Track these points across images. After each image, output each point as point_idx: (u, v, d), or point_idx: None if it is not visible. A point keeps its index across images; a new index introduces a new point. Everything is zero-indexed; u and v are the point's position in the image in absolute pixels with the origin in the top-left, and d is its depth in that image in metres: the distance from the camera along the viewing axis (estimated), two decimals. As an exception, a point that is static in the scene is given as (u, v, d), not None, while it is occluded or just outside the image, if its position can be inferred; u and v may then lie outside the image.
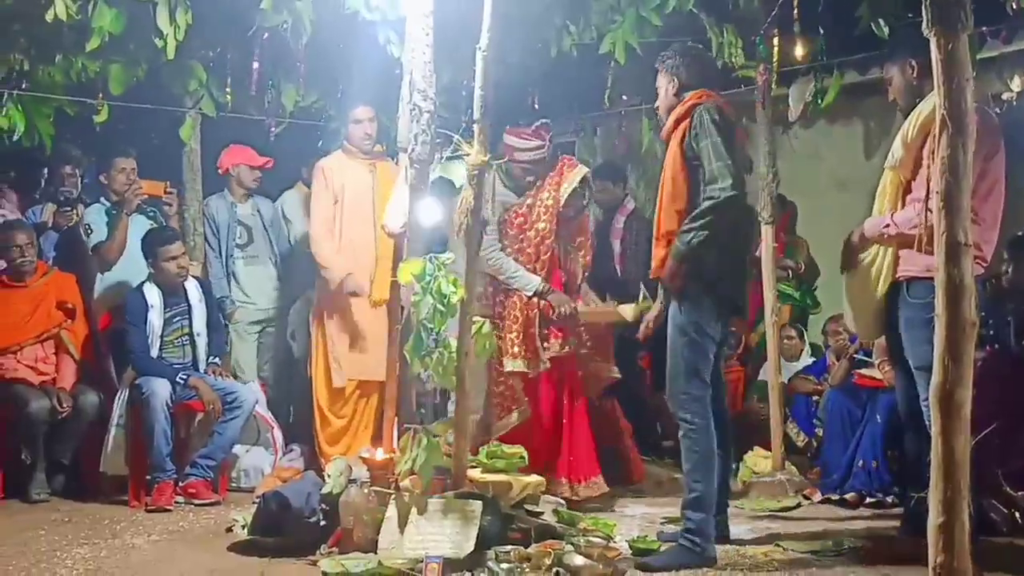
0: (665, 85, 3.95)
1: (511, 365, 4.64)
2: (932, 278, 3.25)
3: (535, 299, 4.66)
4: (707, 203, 3.59)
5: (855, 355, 5.16)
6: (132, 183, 5.35)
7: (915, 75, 3.55)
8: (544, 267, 4.74)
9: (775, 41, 5.11)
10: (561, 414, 4.73)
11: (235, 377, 5.35)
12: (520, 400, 4.65)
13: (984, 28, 4.88)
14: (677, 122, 3.80)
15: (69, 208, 5.35)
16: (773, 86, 5.14)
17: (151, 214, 5.45)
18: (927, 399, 3.25)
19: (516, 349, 4.64)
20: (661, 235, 3.80)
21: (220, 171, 5.84)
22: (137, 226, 5.29)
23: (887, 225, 3.53)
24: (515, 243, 4.76)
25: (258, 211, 5.80)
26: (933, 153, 2.49)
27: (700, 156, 3.65)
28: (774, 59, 5.11)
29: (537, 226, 4.73)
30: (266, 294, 5.77)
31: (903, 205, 3.54)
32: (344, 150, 5.32)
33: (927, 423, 3.12)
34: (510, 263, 4.71)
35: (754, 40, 5.12)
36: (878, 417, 4.79)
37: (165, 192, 5.42)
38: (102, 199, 5.43)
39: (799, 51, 5.19)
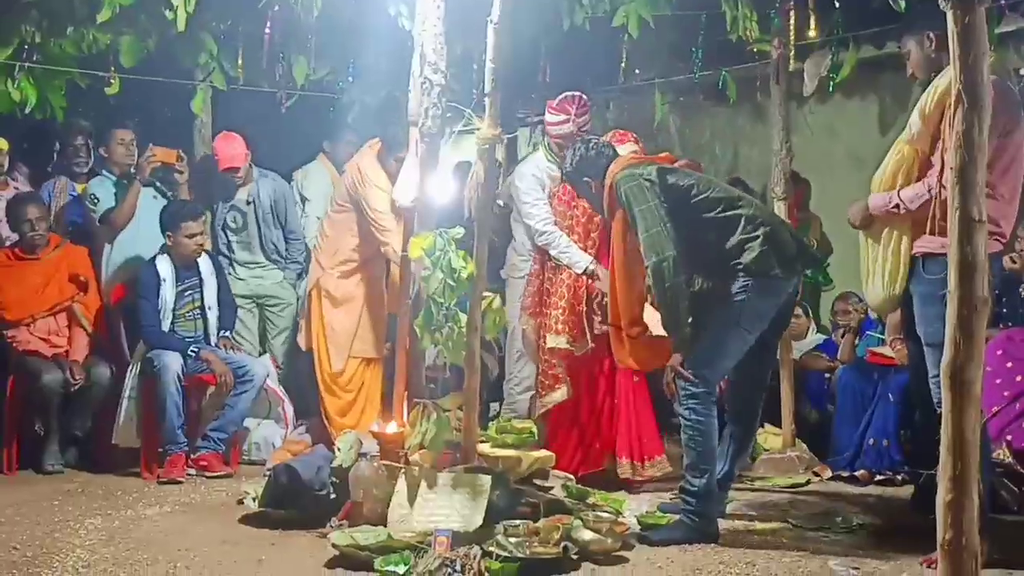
0: (590, 192, 4.04)
1: (553, 341, 4.57)
2: (947, 254, 3.24)
3: (584, 277, 4.56)
4: (655, 288, 3.64)
5: (856, 327, 5.16)
6: (132, 154, 5.35)
7: (933, 47, 3.44)
8: (595, 245, 4.61)
9: (791, 15, 5.05)
10: (616, 391, 4.62)
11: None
12: (563, 378, 4.60)
13: (1003, 1, 4.80)
14: (612, 210, 3.89)
15: (76, 223, 5.38)
16: (790, 61, 5.09)
17: (159, 187, 5.42)
18: (936, 376, 3.24)
19: (560, 326, 4.56)
20: (625, 324, 3.85)
21: None
22: (145, 199, 5.29)
23: (896, 205, 3.44)
24: (565, 219, 4.67)
25: (256, 198, 5.62)
26: (943, 128, 2.46)
27: None
28: (789, 33, 5.06)
29: (583, 203, 4.58)
30: (253, 277, 5.67)
31: (919, 177, 3.46)
32: (380, 159, 5.06)
33: (936, 400, 3.12)
34: (562, 238, 4.61)
35: (769, 14, 5.06)
36: (889, 396, 4.77)
37: (177, 159, 5.40)
38: (104, 171, 5.42)
39: (814, 25, 5.12)
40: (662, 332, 4.03)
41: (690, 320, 3.70)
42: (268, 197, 5.67)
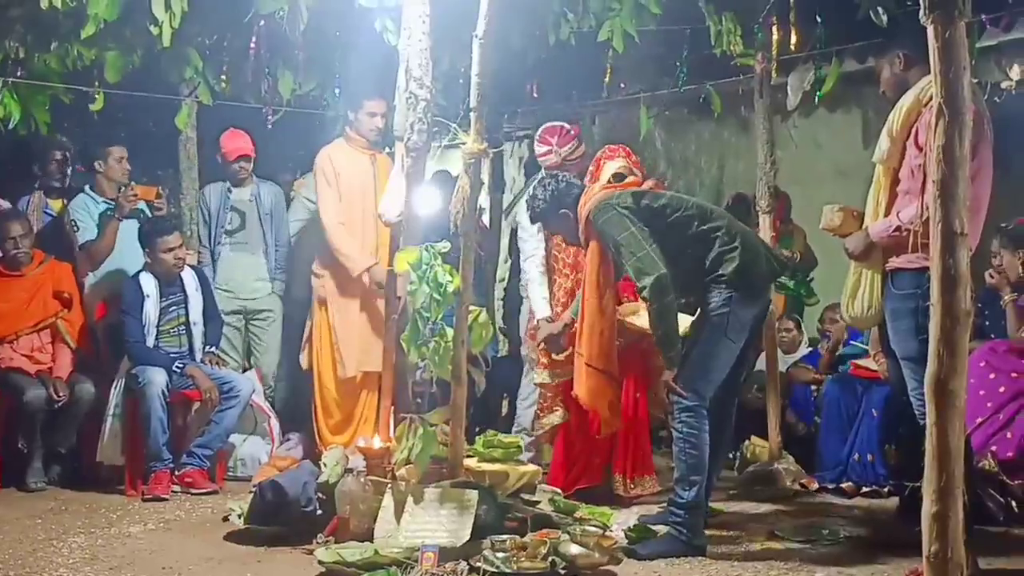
0: (567, 223, 4.08)
1: (540, 377, 4.63)
2: (915, 269, 3.26)
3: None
4: (650, 307, 3.69)
5: (838, 340, 5.20)
6: (127, 171, 5.34)
7: (902, 66, 3.50)
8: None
9: (774, 29, 5.09)
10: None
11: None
12: (559, 403, 4.62)
13: (984, 16, 4.85)
14: (587, 240, 3.98)
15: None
16: (772, 74, 5.13)
17: (143, 218, 5.36)
18: (916, 389, 3.25)
19: (547, 360, 4.59)
20: (587, 354, 3.97)
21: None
22: (129, 230, 5.23)
23: (897, 228, 3.37)
24: (559, 250, 4.69)
25: (256, 197, 5.68)
26: (927, 143, 2.47)
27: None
28: (773, 47, 5.09)
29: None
30: (247, 285, 5.65)
31: (891, 198, 3.47)
32: (347, 138, 5.28)
33: (918, 413, 3.13)
34: (534, 282, 4.70)
35: (753, 28, 5.10)
36: (873, 411, 4.79)
37: (157, 197, 5.37)
38: (88, 187, 5.38)
39: (797, 39, 5.16)
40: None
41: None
42: (269, 198, 5.73)
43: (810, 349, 5.77)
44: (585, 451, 4.61)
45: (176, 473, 4.81)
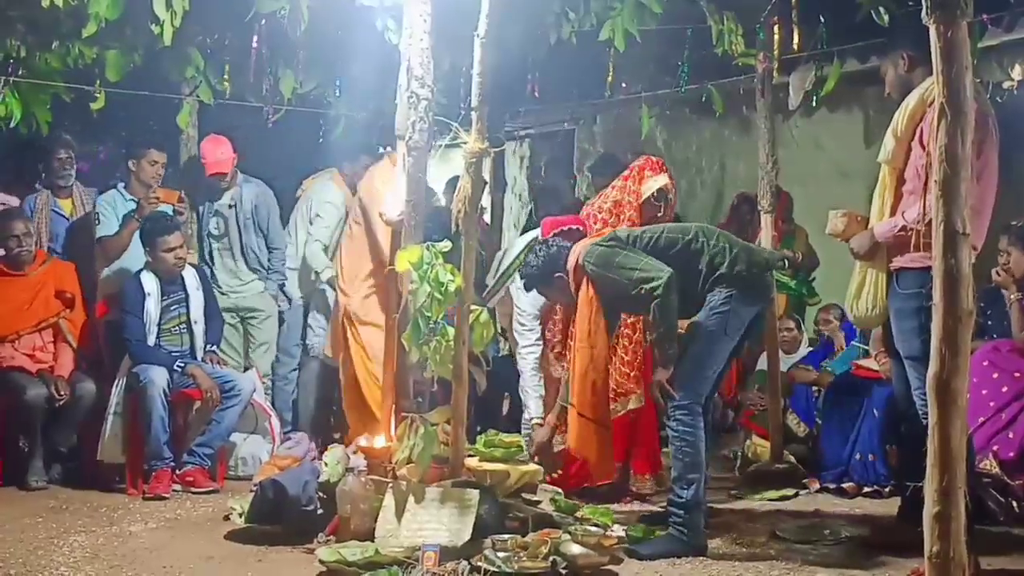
0: (561, 286, 4.15)
1: (624, 407, 4.49)
2: (919, 268, 3.26)
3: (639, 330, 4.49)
4: (659, 308, 3.68)
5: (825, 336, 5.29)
6: (159, 177, 5.33)
7: (906, 67, 3.53)
8: None
9: (775, 29, 5.09)
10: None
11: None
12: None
13: (986, 16, 4.85)
14: (578, 289, 4.06)
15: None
16: (774, 74, 5.13)
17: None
18: (919, 389, 3.25)
19: (632, 385, 4.50)
20: (577, 403, 4.03)
21: None
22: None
23: (901, 228, 3.38)
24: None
25: (238, 201, 5.62)
26: (928, 143, 2.46)
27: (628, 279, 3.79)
28: (774, 47, 5.09)
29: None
30: (233, 289, 5.64)
31: (896, 198, 3.49)
32: (389, 158, 5.03)
33: (921, 413, 3.13)
34: (529, 379, 4.72)
35: (754, 28, 5.10)
36: (875, 411, 4.78)
37: (179, 201, 5.37)
38: (122, 185, 5.38)
39: (799, 39, 5.16)
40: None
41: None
42: (250, 202, 5.66)
43: (810, 349, 5.77)
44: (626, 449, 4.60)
45: (177, 472, 4.81)
